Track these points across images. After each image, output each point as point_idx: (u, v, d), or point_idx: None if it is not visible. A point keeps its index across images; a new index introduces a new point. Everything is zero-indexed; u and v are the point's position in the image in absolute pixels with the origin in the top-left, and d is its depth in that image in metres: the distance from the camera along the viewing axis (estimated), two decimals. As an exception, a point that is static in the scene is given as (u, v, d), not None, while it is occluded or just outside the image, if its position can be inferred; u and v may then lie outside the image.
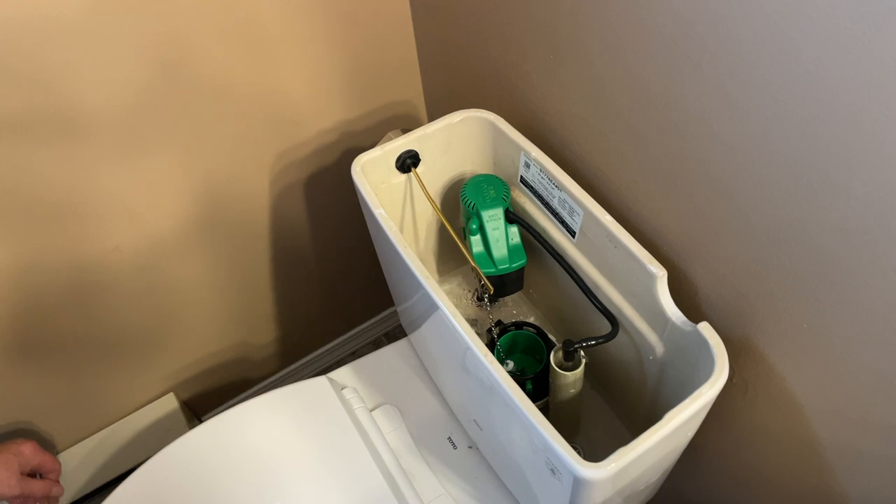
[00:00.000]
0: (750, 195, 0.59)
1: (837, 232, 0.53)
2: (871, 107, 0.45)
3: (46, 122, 0.80)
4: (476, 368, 0.67)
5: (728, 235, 0.64)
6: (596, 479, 0.56)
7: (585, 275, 0.79)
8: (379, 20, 1.00)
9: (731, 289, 0.68)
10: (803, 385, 0.66)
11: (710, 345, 0.63)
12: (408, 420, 0.96)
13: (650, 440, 0.58)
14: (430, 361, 0.98)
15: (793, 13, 0.47)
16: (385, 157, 0.83)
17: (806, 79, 0.49)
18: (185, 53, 0.86)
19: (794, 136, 0.52)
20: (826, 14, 0.45)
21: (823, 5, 0.45)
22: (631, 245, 0.69)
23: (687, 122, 0.62)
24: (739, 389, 0.74)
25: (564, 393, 0.77)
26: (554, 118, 0.83)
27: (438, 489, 0.89)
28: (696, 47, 0.56)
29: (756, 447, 0.78)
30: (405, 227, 0.93)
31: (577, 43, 0.71)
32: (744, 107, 0.55)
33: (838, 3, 0.44)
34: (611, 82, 0.69)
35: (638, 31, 0.62)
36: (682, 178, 0.66)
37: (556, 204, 0.79)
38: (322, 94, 1.03)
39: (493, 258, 0.83)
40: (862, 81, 0.45)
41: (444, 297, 0.68)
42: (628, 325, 0.75)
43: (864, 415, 0.61)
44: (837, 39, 0.45)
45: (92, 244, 0.95)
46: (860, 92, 0.45)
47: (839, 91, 0.47)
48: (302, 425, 0.95)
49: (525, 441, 0.66)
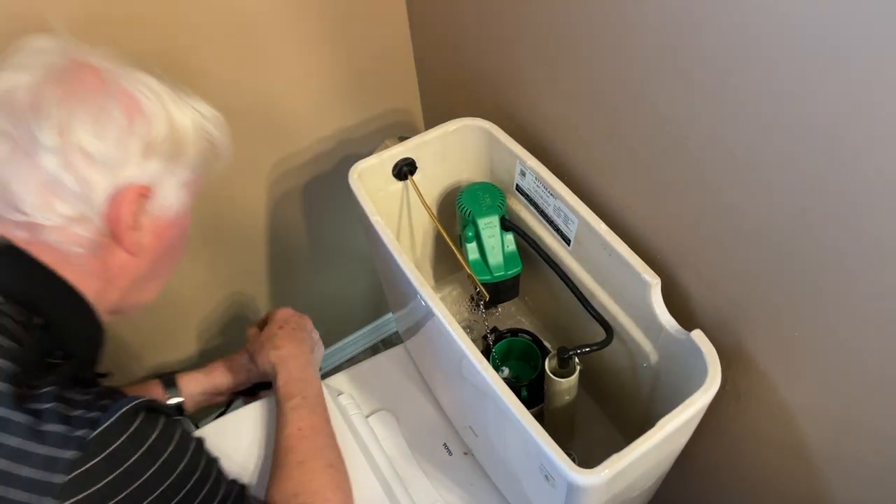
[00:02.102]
0: (743, 204, 0.60)
1: (828, 241, 0.54)
2: (860, 117, 0.46)
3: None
4: (471, 375, 0.67)
5: (721, 244, 0.65)
6: (590, 485, 0.57)
7: (580, 282, 0.80)
8: (376, 29, 1.01)
9: (723, 297, 0.68)
10: (795, 392, 0.66)
11: (703, 352, 0.64)
12: (403, 427, 0.96)
13: (644, 446, 0.58)
14: (426, 368, 0.98)
15: (784, 24, 0.48)
16: (382, 165, 0.84)
17: (795, 88, 0.49)
18: (182, 62, 0.86)
19: (786, 146, 0.53)
20: (813, 25, 0.46)
21: (811, 16, 0.46)
22: (625, 253, 0.70)
23: (680, 130, 0.63)
24: (732, 396, 0.74)
25: (559, 400, 0.78)
26: (549, 127, 0.84)
27: (434, 496, 0.89)
28: (689, 57, 0.57)
29: (748, 454, 0.78)
30: (402, 234, 0.94)
31: (572, 53, 0.72)
32: (736, 116, 0.56)
33: (821, 14, 0.45)
34: (605, 92, 0.70)
35: (632, 41, 0.63)
36: (675, 187, 0.67)
37: (551, 212, 0.80)
38: (320, 102, 1.04)
39: (488, 265, 0.84)
40: (849, 91, 0.46)
41: (440, 304, 0.68)
42: (622, 333, 0.76)
43: (855, 422, 0.61)
44: (825, 50, 0.46)
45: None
46: (849, 101, 0.46)
47: (829, 100, 0.48)
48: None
49: (520, 447, 0.66)
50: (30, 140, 0.55)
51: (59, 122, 0.56)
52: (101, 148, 0.58)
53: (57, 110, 0.56)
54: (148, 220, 0.64)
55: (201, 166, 0.68)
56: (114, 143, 0.59)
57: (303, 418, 0.78)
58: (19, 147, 0.56)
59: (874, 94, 0.44)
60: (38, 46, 0.61)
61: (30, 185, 0.56)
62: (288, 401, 0.80)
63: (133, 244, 0.62)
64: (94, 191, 0.58)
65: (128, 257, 0.63)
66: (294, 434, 0.77)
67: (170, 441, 0.58)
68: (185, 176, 0.66)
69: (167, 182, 0.64)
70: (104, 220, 0.60)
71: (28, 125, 0.55)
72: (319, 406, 0.82)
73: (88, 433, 0.52)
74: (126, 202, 0.60)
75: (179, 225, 0.68)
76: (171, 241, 0.68)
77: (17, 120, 0.56)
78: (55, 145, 0.56)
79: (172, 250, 0.70)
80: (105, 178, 0.59)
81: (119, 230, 0.60)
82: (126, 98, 0.61)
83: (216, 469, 0.64)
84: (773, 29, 0.49)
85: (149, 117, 0.61)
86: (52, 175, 0.56)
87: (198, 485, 0.60)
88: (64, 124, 0.56)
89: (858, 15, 0.43)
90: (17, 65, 0.58)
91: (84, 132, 0.57)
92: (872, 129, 0.46)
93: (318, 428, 0.79)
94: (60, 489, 0.50)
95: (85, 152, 0.57)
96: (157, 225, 0.65)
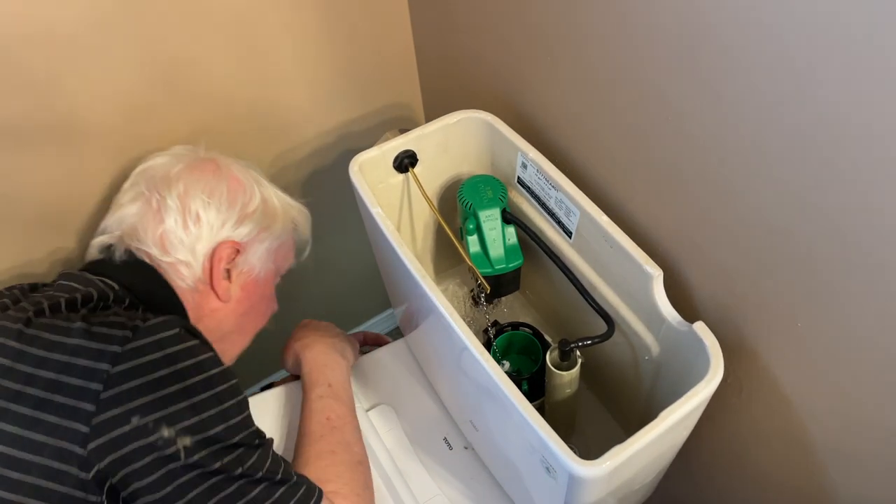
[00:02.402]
0: (745, 196, 0.60)
1: (833, 233, 0.53)
2: (863, 113, 0.46)
3: (43, 130, 0.81)
4: (472, 369, 0.67)
5: (723, 236, 0.65)
6: (591, 476, 0.56)
7: (581, 275, 0.79)
8: (378, 21, 1.00)
9: (726, 289, 0.68)
10: (797, 384, 0.66)
11: (705, 345, 0.63)
12: (404, 421, 0.96)
13: (645, 438, 0.58)
14: (426, 362, 0.98)
15: (787, 20, 0.47)
16: (383, 157, 0.83)
17: (801, 83, 0.49)
18: (182, 56, 0.86)
19: (790, 140, 0.52)
20: (818, 22, 0.45)
21: (817, 14, 0.45)
22: (627, 245, 0.69)
23: (682, 122, 0.62)
24: (734, 389, 0.74)
25: (560, 393, 0.78)
26: (551, 119, 0.83)
27: (434, 490, 0.89)
28: (692, 49, 0.57)
29: (750, 447, 0.78)
30: (402, 226, 0.93)
31: (573, 44, 0.72)
32: (740, 109, 0.55)
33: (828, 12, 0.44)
34: (607, 84, 0.70)
35: (634, 33, 0.62)
36: (677, 179, 0.67)
37: (552, 204, 0.80)
38: (321, 95, 1.03)
39: (489, 258, 0.84)
40: (855, 88, 0.45)
41: (441, 297, 0.68)
42: (624, 325, 0.76)
43: (857, 414, 0.61)
44: (831, 47, 0.46)
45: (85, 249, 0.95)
46: (853, 98, 0.46)
47: (833, 97, 0.47)
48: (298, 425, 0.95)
49: (521, 440, 0.66)
50: (159, 201, 0.76)
51: (181, 190, 0.77)
52: (209, 214, 0.77)
53: (181, 183, 0.77)
54: (237, 274, 0.81)
55: (286, 239, 0.87)
56: (219, 211, 0.78)
57: (331, 408, 0.82)
58: (150, 205, 0.76)
59: (881, 87, 0.44)
60: (177, 148, 0.84)
61: (153, 233, 0.75)
62: (314, 388, 0.84)
63: (223, 291, 0.79)
64: (199, 243, 0.77)
65: (219, 303, 0.80)
66: (323, 423, 0.80)
67: (205, 351, 0.67)
68: (271, 243, 0.84)
69: (256, 244, 0.82)
70: (204, 269, 0.78)
71: (159, 191, 0.76)
72: (346, 393, 0.86)
73: (137, 327, 0.64)
74: (221, 254, 0.78)
75: (264, 287, 0.86)
76: (256, 300, 0.84)
77: (152, 186, 0.77)
78: (176, 206, 0.76)
79: (257, 311, 0.86)
80: (209, 235, 0.78)
81: (214, 277, 0.78)
82: (233, 181, 0.81)
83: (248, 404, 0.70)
84: (782, 20, 0.48)
85: (248, 195, 0.81)
86: (169, 227, 0.76)
87: (231, 392, 0.67)
88: (183, 192, 0.76)
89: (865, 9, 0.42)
90: (159, 155, 0.82)
91: (199, 199, 0.77)
92: (876, 122, 0.45)
93: (347, 419, 0.82)
94: (113, 355, 0.62)
95: (197, 216, 0.77)
96: (245, 280, 0.82)
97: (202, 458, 0.61)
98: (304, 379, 0.87)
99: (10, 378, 0.61)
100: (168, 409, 0.61)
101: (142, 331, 0.64)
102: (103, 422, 0.59)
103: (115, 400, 0.60)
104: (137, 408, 0.60)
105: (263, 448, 0.67)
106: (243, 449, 0.65)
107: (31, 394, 0.60)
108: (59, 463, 0.58)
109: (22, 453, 0.59)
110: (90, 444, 0.58)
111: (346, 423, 0.81)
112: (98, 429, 0.59)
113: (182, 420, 0.61)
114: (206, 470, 0.62)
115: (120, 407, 0.59)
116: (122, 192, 0.80)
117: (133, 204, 0.77)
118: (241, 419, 0.66)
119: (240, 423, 0.66)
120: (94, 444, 0.59)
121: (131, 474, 0.60)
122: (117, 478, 0.59)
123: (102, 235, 0.78)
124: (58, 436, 0.59)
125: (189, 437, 0.61)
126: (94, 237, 0.80)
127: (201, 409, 0.63)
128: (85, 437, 0.58)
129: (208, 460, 0.62)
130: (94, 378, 0.60)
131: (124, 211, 0.77)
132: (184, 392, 0.62)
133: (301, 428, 0.81)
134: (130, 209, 0.77)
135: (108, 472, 0.59)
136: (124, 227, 0.77)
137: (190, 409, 0.62)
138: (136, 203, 0.77)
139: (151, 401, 0.61)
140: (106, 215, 0.80)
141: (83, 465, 0.58)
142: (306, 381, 0.86)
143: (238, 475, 0.63)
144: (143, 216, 0.76)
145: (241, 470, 0.64)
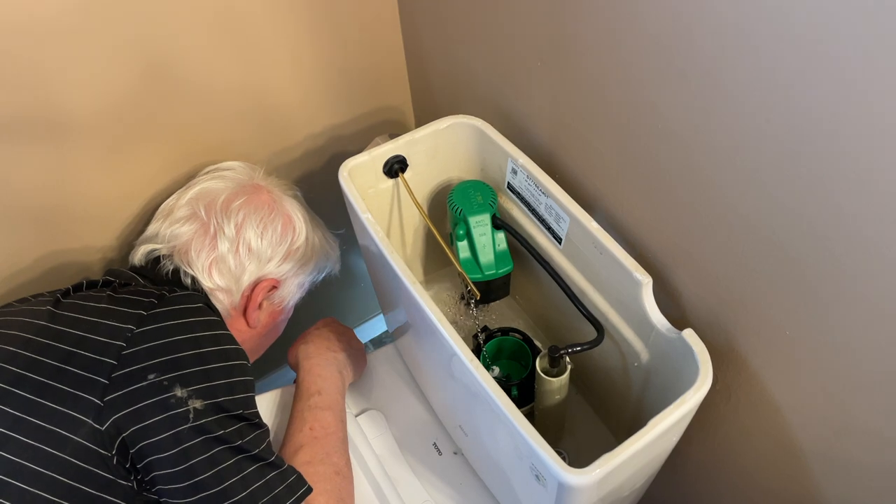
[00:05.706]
0: (734, 204, 0.60)
1: (819, 241, 0.54)
2: (855, 117, 0.46)
3: (30, 123, 0.80)
4: (462, 374, 0.67)
5: (712, 244, 0.65)
6: (581, 485, 0.56)
7: (571, 281, 0.79)
8: (368, 26, 1.00)
9: (714, 296, 0.68)
10: (785, 391, 0.66)
11: (694, 352, 0.64)
12: (393, 426, 0.95)
13: (635, 446, 0.58)
14: (416, 367, 0.98)
15: (775, 27, 0.48)
16: (373, 163, 0.83)
17: (792, 84, 0.49)
18: (172, 56, 0.85)
19: (778, 147, 0.53)
20: (803, 28, 0.46)
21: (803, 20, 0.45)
22: (617, 252, 0.69)
23: (671, 129, 0.62)
24: (723, 396, 0.74)
25: (550, 399, 0.78)
26: (541, 125, 0.83)
27: (423, 495, 0.89)
28: (681, 56, 0.57)
29: (739, 453, 0.78)
30: (392, 232, 0.93)
31: (563, 50, 0.72)
32: (728, 116, 0.56)
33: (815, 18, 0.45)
34: (597, 90, 0.70)
35: (623, 39, 0.63)
36: (666, 186, 0.67)
37: (542, 210, 0.80)
38: (310, 99, 1.03)
39: (479, 264, 0.84)
40: (843, 97, 0.46)
41: (431, 303, 0.68)
42: (613, 332, 0.76)
43: (845, 420, 0.62)
44: (817, 51, 0.46)
45: (75, 248, 0.94)
46: (845, 100, 0.46)
47: (825, 99, 0.48)
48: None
49: (510, 447, 0.66)
50: (216, 227, 0.81)
51: (238, 221, 0.82)
52: (260, 246, 0.83)
53: (240, 214, 0.82)
54: (268, 304, 0.87)
55: (317, 275, 0.94)
56: (269, 245, 0.84)
57: (316, 418, 0.81)
58: (207, 229, 0.81)
59: (870, 94, 0.44)
60: (232, 166, 0.90)
61: (203, 255, 0.80)
62: (305, 397, 0.84)
63: (254, 320, 0.85)
64: (245, 274, 0.82)
65: (245, 327, 0.85)
66: (306, 433, 0.79)
67: (223, 328, 0.72)
68: (304, 279, 0.90)
69: (292, 280, 0.88)
70: (242, 297, 0.83)
71: (218, 217, 0.81)
72: (336, 406, 0.85)
73: (163, 296, 0.72)
74: (261, 289, 0.84)
75: (286, 313, 0.92)
76: (278, 324, 0.92)
77: (210, 211, 0.82)
78: (231, 236, 0.81)
79: (275, 331, 0.93)
80: (255, 267, 0.83)
81: (249, 307, 0.84)
82: (285, 217, 0.86)
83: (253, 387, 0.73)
84: (768, 26, 0.49)
85: (296, 233, 0.87)
86: (221, 255, 0.81)
87: (240, 370, 0.70)
88: (240, 223, 0.82)
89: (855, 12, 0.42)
90: (218, 177, 0.87)
91: (253, 232, 0.82)
92: (866, 130, 0.46)
93: (331, 430, 0.82)
94: (139, 318, 0.68)
95: (249, 246, 0.82)
96: (274, 311, 0.89)
97: (209, 422, 0.64)
98: (296, 386, 0.87)
99: (43, 335, 0.67)
100: (183, 371, 0.65)
101: (167, 300, 0.70)
102: (122, 375, 0.63)
103: (134, 357, 0.64)
104: (154, 365, 0.64)
105: (262, 431, 0.70)
106: (245, 423, 0.68)
107: (60, 347, 0.65)
108: (76, 413, 0.62)
109: (44, 402, 0.62)
110: (107, 397, 0.63)
111: (330, 434, 0.81)
112: (116, 382, 0.63)
113: (195, 383, 0.65)
114: (210, 436, 0.64)
115: (138, 364, 0.64)
116: (177, 206, 0.84)
117: (189, 224, 0.81)
118: (245, 397, 0.69)
119: (244, 400, 0.69)
120: (111, 396, 0.63)
121: (141, 431, 0.63)
122: (128, 432, 0.63)
123: (152, 244, 0.82)
124: (78, 387, 0.63)
125: (200, 401, 0.65)
126: (142, 241, 0.84)
127: (213, 377, 0.66)
128: (104, 389, 0.63)
129: (213, 426, 0.65)
130: (118, 337, 0.65)
131: (179, 228, 0.81)
132: (199, 357, 0.67)
133: (285, 435, 0.81)
134: (185, 228, 0.81)
135: (121, 426, 0.62)
136: (177, 245, 0.81)
137: (203, 374, 0.66)
138: (191, 223, 0.81)
139: (168, 360, 0.65)
140: (155, 220, 0.84)
141: (98, 415, 0.62)
142: (298, 388, 0.86)
143: (237, 447, 0.66)
144: (197, 239, 0.81)
145: (240, 442, 0.66)
